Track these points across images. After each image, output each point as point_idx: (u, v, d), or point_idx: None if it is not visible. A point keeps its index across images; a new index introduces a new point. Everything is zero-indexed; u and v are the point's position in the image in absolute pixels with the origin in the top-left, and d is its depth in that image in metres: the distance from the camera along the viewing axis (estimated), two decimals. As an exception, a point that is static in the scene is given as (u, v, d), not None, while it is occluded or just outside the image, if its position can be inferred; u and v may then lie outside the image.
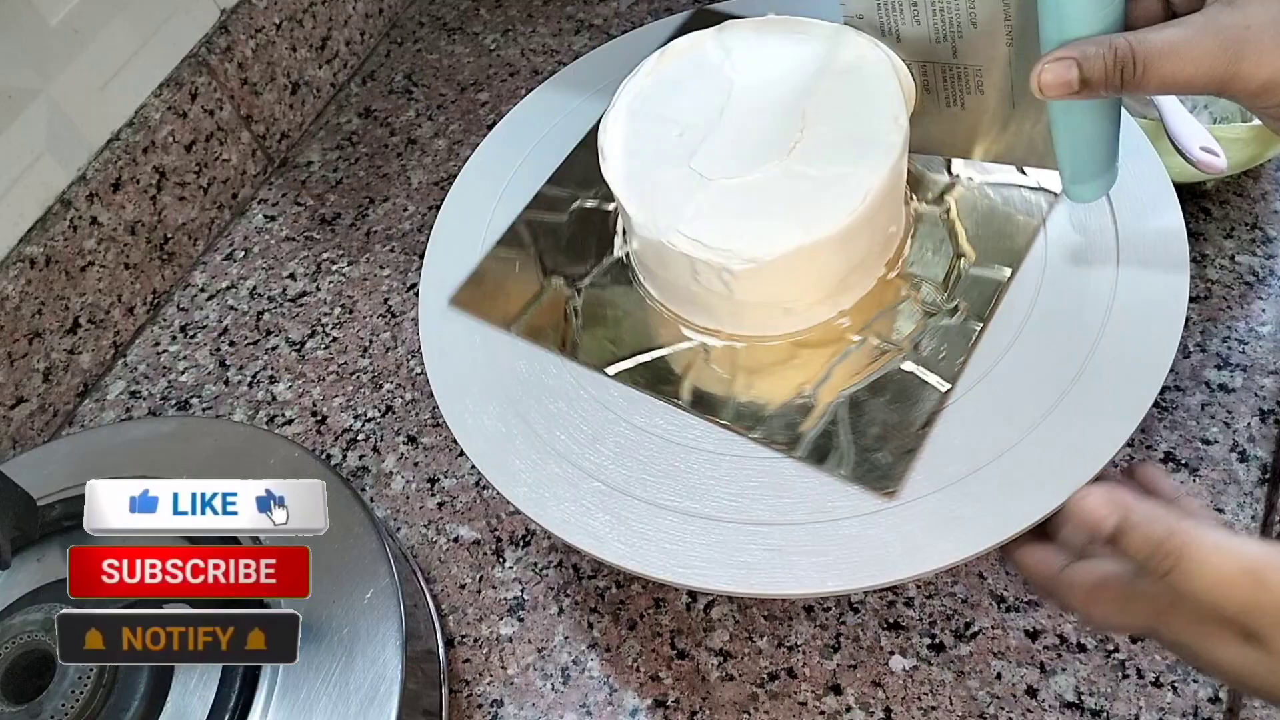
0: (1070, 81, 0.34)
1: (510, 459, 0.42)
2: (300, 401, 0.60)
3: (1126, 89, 0.34)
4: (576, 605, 0.49)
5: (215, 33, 0.70)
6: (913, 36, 0.42)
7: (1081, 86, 0.34)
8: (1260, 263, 0.54)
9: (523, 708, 0.47)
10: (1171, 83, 0.34)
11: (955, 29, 0.41)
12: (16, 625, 0.40)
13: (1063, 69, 0.34)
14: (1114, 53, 0.33)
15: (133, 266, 0.66)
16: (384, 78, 0.79)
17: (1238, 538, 0.29)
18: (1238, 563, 0.28)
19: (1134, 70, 0.33)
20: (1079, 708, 0.43)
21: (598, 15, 0.79)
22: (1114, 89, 0.34)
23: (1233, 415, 0.49)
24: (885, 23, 0.43)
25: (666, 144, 0.43)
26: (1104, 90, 0.34)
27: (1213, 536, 0.29)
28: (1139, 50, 0.33)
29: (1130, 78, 0.34)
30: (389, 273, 0.66)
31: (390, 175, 0.72)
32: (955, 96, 0.43)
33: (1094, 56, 0.34)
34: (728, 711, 0.45)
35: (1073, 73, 0.34)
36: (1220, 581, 0.28)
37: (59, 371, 0.62)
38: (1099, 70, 0.34)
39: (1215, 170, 0.52)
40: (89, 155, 0.63)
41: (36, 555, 0.46)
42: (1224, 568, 0.28)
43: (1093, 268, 0.43)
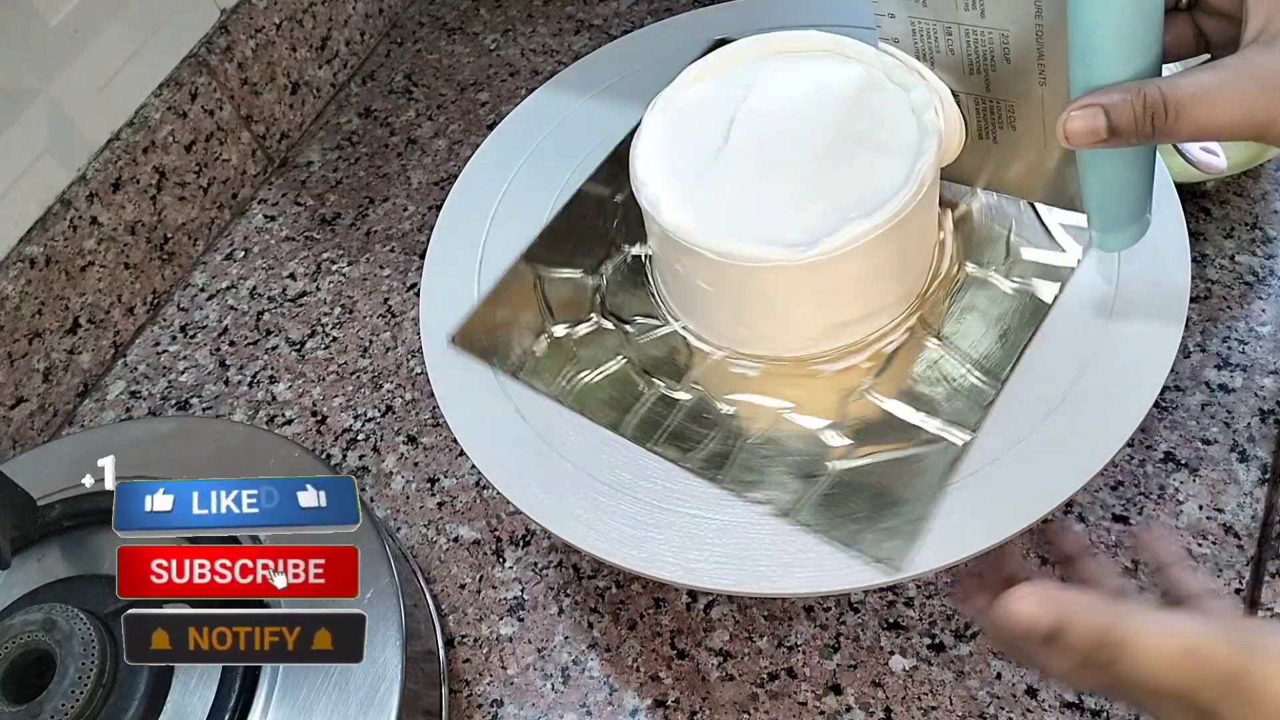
0: (1097, 130, 0.33)
1: (510, 458, 0.42)
2: (300, 401, 0.60)
3: (1158, 137, 0.33)
4: (576, 605, 0.49)
5: (215, 33, 0.70)
6: (947, 65, 0.41)
7: (1110, 135, 0.33)
8: (1260, 263, 0.54)
9: (523, 708, 0.47)
10: (1206, 129, 0.32)
11: (989, 62, 0.40)
12: (16, 625, 0.40)
13: (1089, 116, 0.33)
14: (1143, 99, 0.32)
15: (133, 266, 0.66)
16: (384, 78, 0.79)
17: (1174, 617, 0.29)
18: (1178, 643, 0.28)
19: (1165, 117, 0.32)
20: (1079, 708, 0.43)
21: (598, 15, 0.79)
22: (1145, 137, 0.33)
23: (1233, 415, 0.49)
24: (920, 48, 0.42)
25: (701, 155, 0.42)
26: (1134, 138, 0.33)
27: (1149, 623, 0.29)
28: (1170, 96, 0.32)
29: (1162, 125, 0.32)
30: (389, 273, 0.66)
31: (390, 175, 0.72)
32: (987, 129, 0.42)
33: (1122, 104, 0.33)
34: (728, 711, 0.45)
35: (1100, 120, 0.33)
36: (1164, 666, 0.28)
37: (59, 371, 0.62)
38: (1127, 118, 0.33)
39: (1215, 170, 0.52)
40: (89, 155, 0.63)
41: (36, 555, 0.46)
42: (1165, 651, 0.28)
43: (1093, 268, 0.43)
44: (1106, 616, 0.29)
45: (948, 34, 0.40)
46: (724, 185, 0.41)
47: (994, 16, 0.38)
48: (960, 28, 0.40)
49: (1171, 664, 0.28)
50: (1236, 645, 0.27)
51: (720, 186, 0.41)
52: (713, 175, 0.41)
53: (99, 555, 0.45)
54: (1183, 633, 0.28)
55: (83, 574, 0.45)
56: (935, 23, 0.40)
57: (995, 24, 0.39)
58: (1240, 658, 0.27)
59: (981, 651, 0.45)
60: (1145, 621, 0.29)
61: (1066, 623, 0.29)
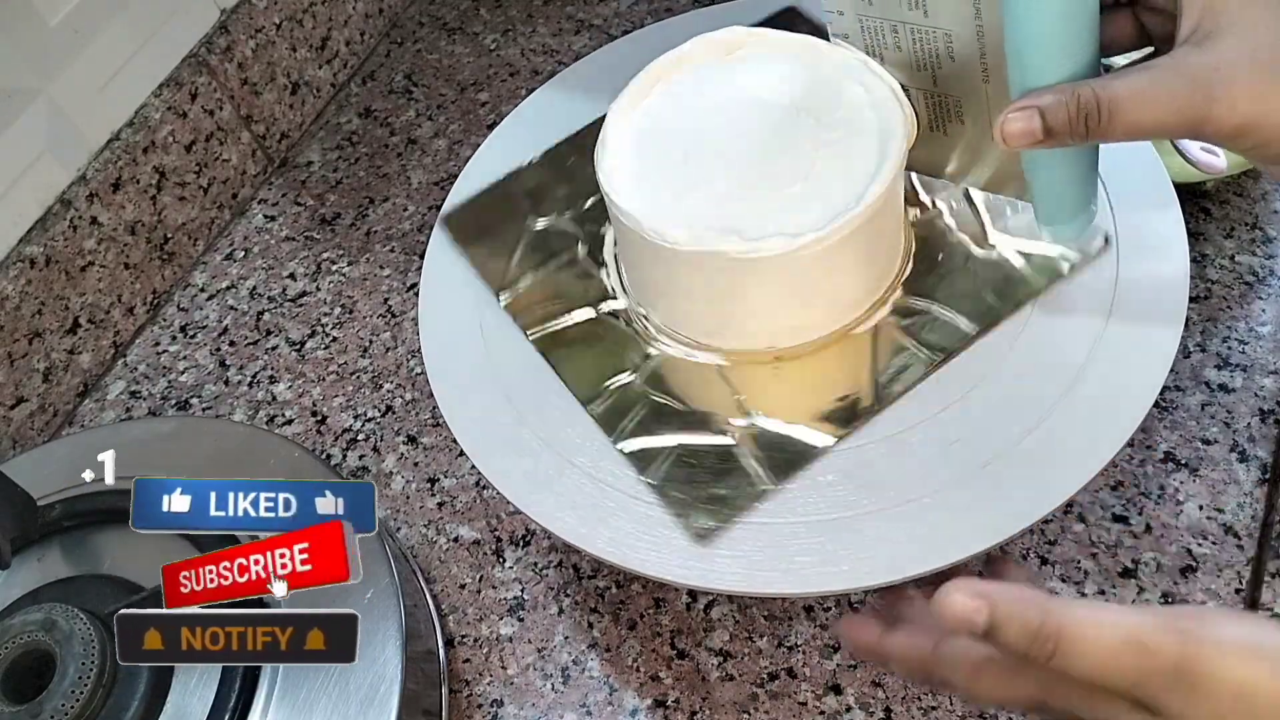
0: (1033, 131, 0.34)
1: (510, 458, 0.42)
2: (300, 401, 0.60)
3: (1093, 137, 0.33)
4: (576, 605, 0.49)
5: (215, 33, 0.70)
6: (895, 61, 0.42)
7: (1046, 135, 0.34)
8: (1260, 263, 0.54)
9: (523, 708, 0.47)
10: (1140, 128, 0.33)
11: (934, 60, 0.41)
12: (16, 625, 0.40)
13: (1025, 118, 0.34)
14: (1077, 100, 0.33)
15: (133, 266, 0.66)
16: (384, 78, 0.79)
17: (1111, 608, 0.28)
18: (1118, 634, 0.27)
19: (1099, 118, 0.33)
20: (1079, 708, 0.43)
21: (598, 15, 0.79)
22: (1079, 137, 0.34)
23: (1233, 415, 0.49)
24: (869, 45, 0.43)
25: (668, 149, 0.43)
26: (1069, 139, 0.34)
27: (1087, 613, 0.28)
28: (1103, 97, 0.33)
29: (1095, 125, 0.33)
30: (389, 273, 0.66)
31: (390, 175, 0.72)
32: (937, 122, 0.43)
33: (1056, 105, 0.33)
34: (728, 711, 0.45)
35: (1035, 122, 0.34)
36: (1104, 657, 0.27)
37: (59, 371, 0.62)
38: (1062, 119, 0.33)
39: (1215, 170, 0.52)
40: (89, 155, 0.63)
41: (36, 555, 0.46)
42: (1105, 642, 0.27)
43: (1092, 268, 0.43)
44: (1042, 606, 0.28)
45: (894, 32, 0.41)
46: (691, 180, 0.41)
47: (936, 17, 0.39)
48: (906, 26, 0.41)
49: (1112, 655, 0.27)
50: (1180, 634, 0.27)
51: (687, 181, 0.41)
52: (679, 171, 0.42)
53: (99, 555, 0.45)
54: (1123, 623, 0.27)
55: (83, 574, 0.45)
56: (882, 21, 0.41)
57: (938, 24, 0.39)
58: (1184, 647, 0.27)
59: (981, 651, 0.45)
60: (1084, 612, 0.28)
61: (1004, 614, 0.28)
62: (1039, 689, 0.30)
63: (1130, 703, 0.28)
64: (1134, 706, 0.28)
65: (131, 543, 0.45)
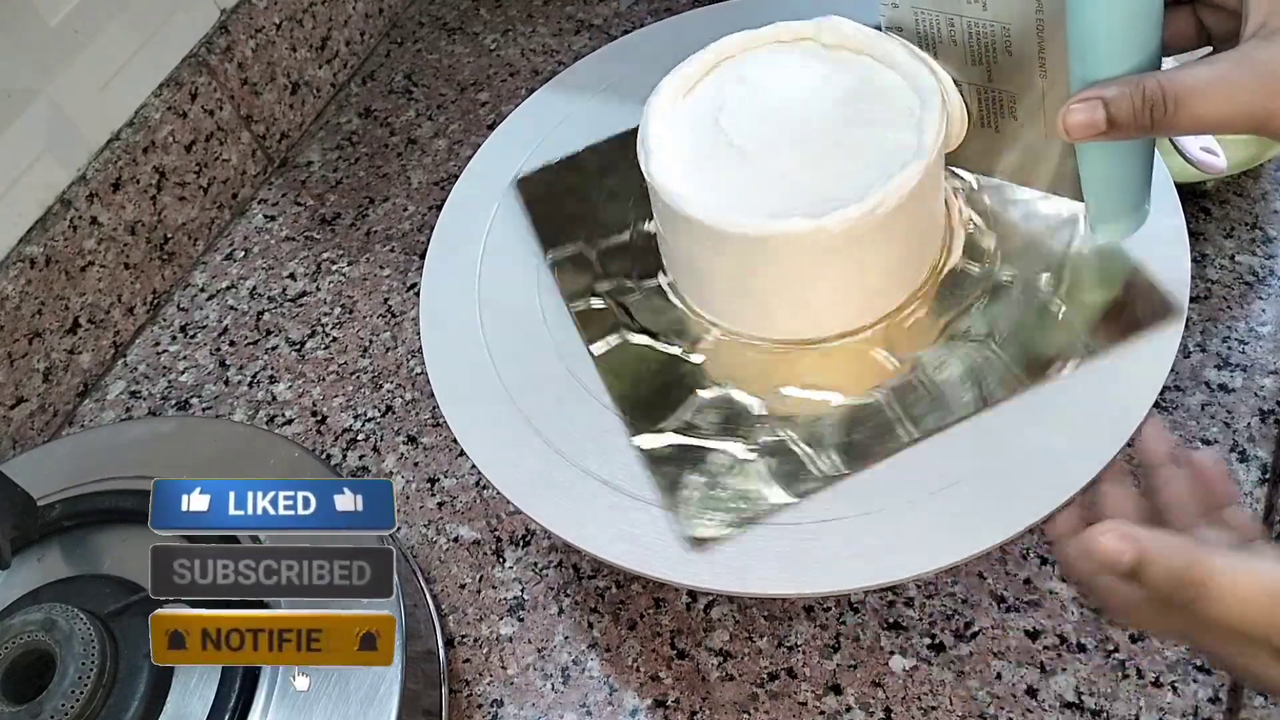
0: (1097, 122, 0.33)
1: (510, 458, 0.42)
2: (300, 401, 0.60)
3: (1157, 130, 0.33)
4: (576, 605, 0.49)
5: (215, 33, 0.70)
6: (949, 54, 0.42)
7: (1109, 127, 0.33)
8: (1260, 263, 0.54)
9: (523, 708, 0.47)
10: (1205, 122, 0.33)
11: (991, 53, 0.40)
12: (16, 625, 0.40)
13: (1089, 109, 0.33)
14: (1142, 92, 0.33)
15: (133, 266, 0.66)
16: (384, 78, 0.79)
17: (1256, 559, 0.29)
18: (1259, 585, 0.28)
19: (1164, 110, 0.32)
20: (1079, 708, 0.43)
21: (598, 15, 0.79)
22: (1143, 129, 0.33)
23: (1233, 415, 0.49)
24: (922, 38, 0.42)
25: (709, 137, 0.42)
26: (1133, 131, 0.33)
27: (1232, 561, 0.29)
28: (1169, 89, 0.32)
29: (1161, 118, 0.33)
30: (389, 273, 0.66)
31: (390, 175, 0.72)
32: (989, 118, 0.43)
33: (1121, 97, 0.33)
34: (728, 711, 0.45)
35: (1099, 113, 0.33)
36: (1244, 607, 0.28)
37: (59, 371, 0.62)
38: (1126, 111, 0.33)
39: (1215, 170, 0.52)
40: (89, 155, 0.63)
41: (36, 555, 0.46)
42: (1245, 593, 0.28)
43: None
44: (1188, 555, 0.29)
45: (950, 25, 0.41)
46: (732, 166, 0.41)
47: (995, 9, 0.39)
48: (963, 19, 0.40)
49: (1252, 606, 0.28)
50: None
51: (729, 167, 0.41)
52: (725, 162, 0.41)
53: (99, 555, 0.45)
54: (1265, 575, 0.28)
55: (83, 574, 0.45)
56: (938, 14, 0.41)
57: (997, 17, 0.39)
58: None
59: (982, 651, 0.45)
60: (1227, 562, 0.29)
61: (1148, 559, 0.30)
62: (1188, 630, 0.31)
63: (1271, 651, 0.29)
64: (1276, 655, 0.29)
65: (131, 543, 0.45)
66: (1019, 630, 0.45)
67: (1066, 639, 0.44)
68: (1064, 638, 0.44)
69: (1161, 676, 0.43)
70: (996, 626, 0.45)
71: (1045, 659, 0.44)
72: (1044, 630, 0.45)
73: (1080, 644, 0.44)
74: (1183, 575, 0.29)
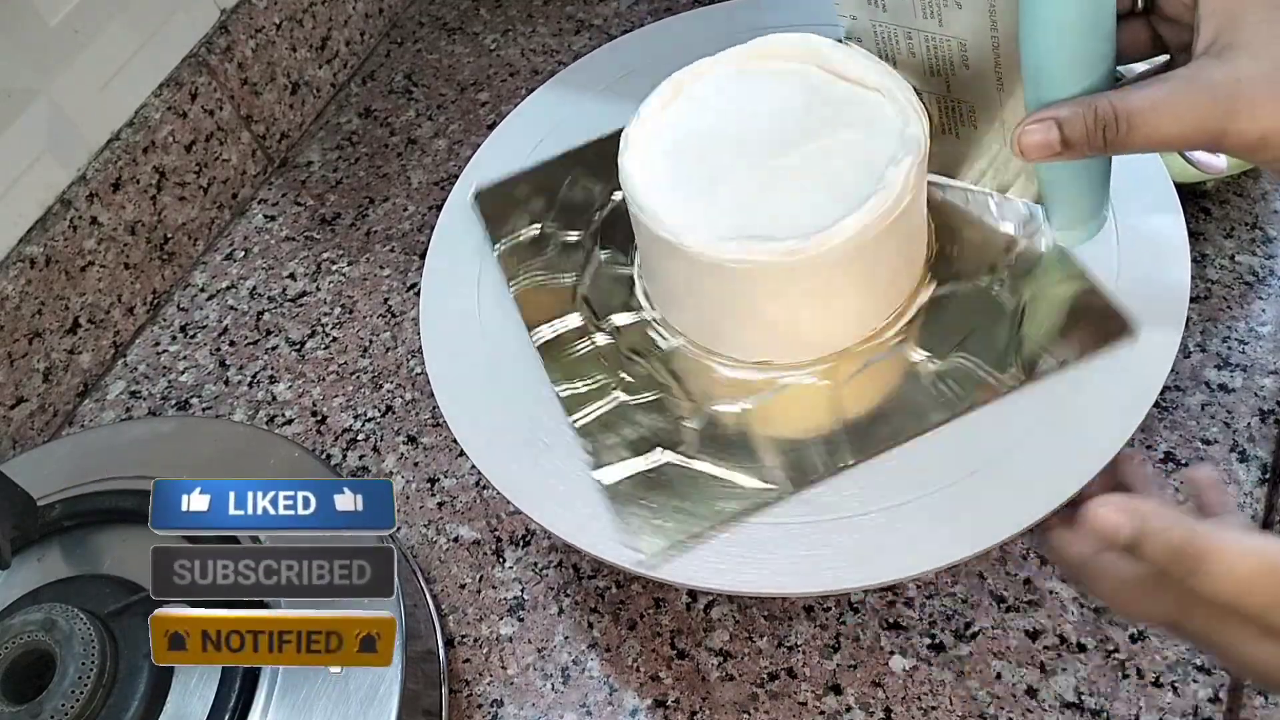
0: (1051, 143, 0.34)
1: (510, 458, 0.42)
2: (300, 401, 0.60)
3: (1111, 149, 0.33)
4: (576, 605, 0.49)
5: (215, 33, 0.70)
6: (908, 66, 0.42)
7: (1063, 147, 0.34)
8: (1260, 263, 0.54)
9: (523, 708, 0.47)
10: (1158, 140, 0.33)
11: (949, 67, 0.41)
12: (16, 625, 0.40)
13: (1043, 130, 0.34)
14: (1094, 112, 0.33)
15: (133, 266, 0.66)
16: (384, 78, 0.79)
17: (1257, 535, 0.29)
18: (1258, 561, 0.28)
19: (1117, 130, 0.33)
20: (1079, 708, 0.43)
21: (598, 15, 0.79)
22: (1097, 149, 0.34)
23: (1233, 415, 0.49)
24: (882, 50, 0.43)
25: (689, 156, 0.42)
26: (1087, 150, 0.34)
27: (1231, 536, 0.29)
28: (1121, 109, 0.33)
29: (1114, 137, 0.33)
30: (389, 273, 0.66)
31: (390, 175, 0.72)
32: (950, 126, 0.43)
33: (1075, 117, 0.33)
34: (728, 711, 0.45)
35: (1053, 134, 0.34)
36: (1241, 582, 0.28)
37: (59, 371, 0.62)
38: (1080, 131, 0.33)
39: (1215, 170, 0.52)
40: (89, 155, 0.63)
41: (36, 555, 0.46)
42: (1244, 568, 0.28)
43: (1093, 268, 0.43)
44: (1188, 529, 0.29)
45: (908, 38, 0.41)
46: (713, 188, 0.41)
47: (951, 26, 0.39)
48: (920, 33, 0.41)
49: (1249, 581, 0.28)
50: None
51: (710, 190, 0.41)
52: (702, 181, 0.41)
53: (99, 555, 0.45)
54: (1263, 551, 0.28)
55: (83, 574, 0.45)
56: (895, 27, 0.41)
57: (953, 33, 0.40)
58: None
59: (981, 651, 0.45)
60: (1227, 537, 0.29)
61: (1149, 529, 0.30)
62: (1175, 608, 0.31)
63: (1260, 629, 0.29)
64: (1263, 633, 0.29)
65: (131, 543, 0.45)
66: (1019, 630, 0.45)
67: (1066, 639, 0.44)
68: (1064, 638, 0.44)
69: (1161, 676, 0.43)
70: (996, 626, 0.45)
71: (1045, 659, 0.44)
72: (1044, 630, 0.45)
73: (1080, 644, 0.44)
74: (1182, 548, 0.29)
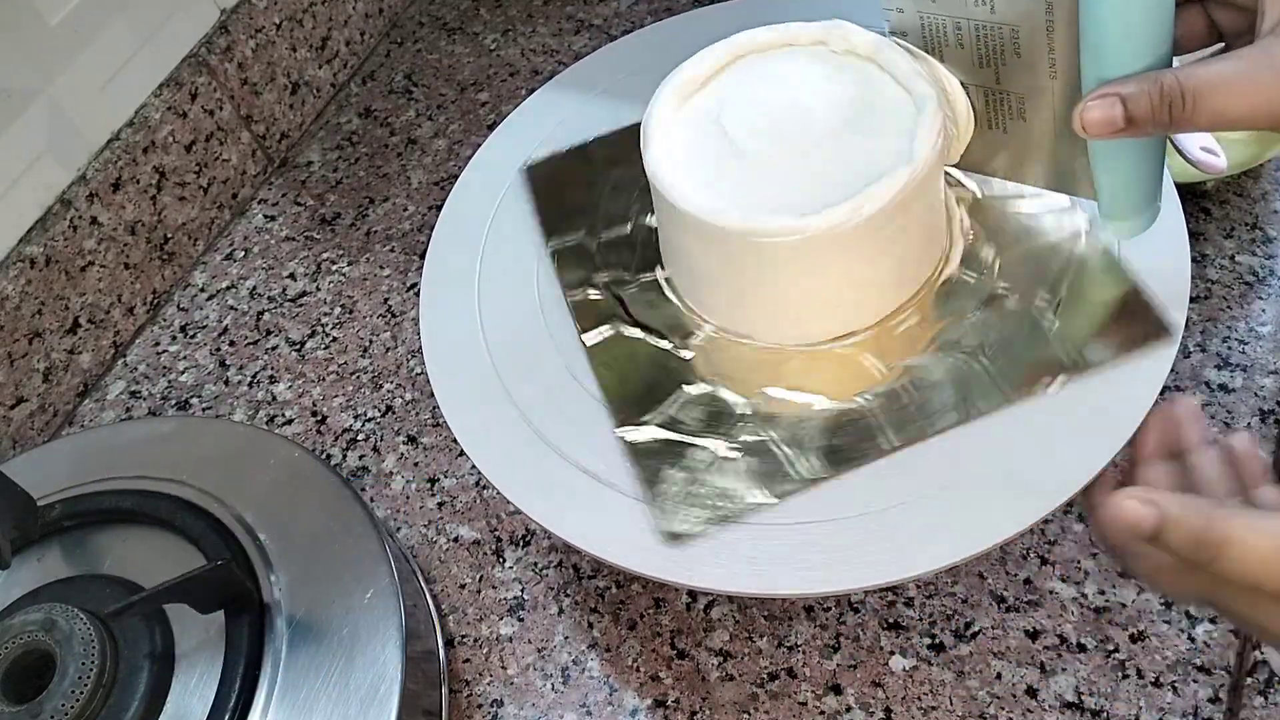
0: (1115, 119, 0.33)
1: (510, 459, 0.42)
2: (300, 401, 0.60)
3: (1175, 126, 0.33)
4: (576, 605, 0.49)
5: (215, 33, 0.70)
6: (956, 58, 0.42)
7: (1127, 124, 0.33)
8: (1260, 263, 0.54)
9: (523, 708, 0.47)
10: (1224, 118, 0.32)
11: (999, 56, 0.40)
12: (16, 625, 0.40)
13: (1107, 106, 0.33)
14: (1160, 89, 0.32)
15: (133, 266, 0.66)
16: (384, 78, 0.79)
17: (1274, 517, 0.30)
18: (1273, 542, 0.29)
19: (1182, 106, 0.32)
20: (1079, 708, 0.43)
21: (598, 15, 0.79)
22: (1161, 126, 0.33)
23: (1233, 415, 0.49)
24: (928, 42, 0.42)
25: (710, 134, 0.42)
26: (1151, 127, 0.33)
27: (1249, 520, 0.29)
28: (1187, 85, 0.32)
29: (1179, 114, 0.32)
30: (389, 273, 0.66)
31: (390, 175, 0.72)
32: (997, 120, 0.43)
33: (1139, 93, 0.33)
34: (728, 711, 0.45)
35: (1117, 110, 0.33)
36: (1261, 564, 0.29)
37: (59, 371, 0.62)
38: (1145, 107, 0.33)
39: (1215, 170, 0.52)
40: (89, 155, 0.63)
41: (36, 555, 0.46)
42: (1263, 549, 0.29)
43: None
44: (1207, 516, 0.30)
45: (957, 29, 0.41)
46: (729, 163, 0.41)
47: (1003, 12, 0.39)
48: (969, 22, 0.40)
49: (1269, 562, 0.28)
50: None
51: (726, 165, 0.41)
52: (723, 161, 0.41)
53: (99, 555, 0.45)
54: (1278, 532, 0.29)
55: (83, 574, 0.45)
56: (945, 18, 0.41)
57: (1004, 19, 0.39)
58: None
59: (981, 651, 0.45)
60: (1246, 521, 0.29)
61: (1168, 521, 0.30)
62: (1208, 590, 0.31)
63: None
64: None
65: (131, 543, 0.45)
66: (1019, 630, 0.45)
67: (1066, 639, 0.44)
68: (1064, 638, 0.44)
69: (1161, 676, 0.43)
70: (996, 626, 0.45)
71: (1045, 659, 0.44)
72: (1044, 630, 0.45)
73: (1080, 644, 0.44)
74: (1201, 535, 0.29)
